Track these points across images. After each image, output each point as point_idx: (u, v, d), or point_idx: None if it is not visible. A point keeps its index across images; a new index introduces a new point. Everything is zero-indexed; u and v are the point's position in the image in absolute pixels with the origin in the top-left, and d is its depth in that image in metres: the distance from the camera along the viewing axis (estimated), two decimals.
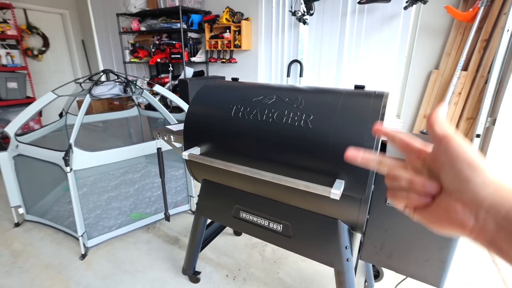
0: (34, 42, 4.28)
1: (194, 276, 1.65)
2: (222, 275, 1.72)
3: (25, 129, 2.23)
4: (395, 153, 0.97)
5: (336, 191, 0.87)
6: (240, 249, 1.96)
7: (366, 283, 1.63)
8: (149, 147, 1.93)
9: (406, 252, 1.01)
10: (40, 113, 3.92)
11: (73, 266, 1.77)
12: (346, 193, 0.94)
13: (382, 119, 0.91)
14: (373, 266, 1.66)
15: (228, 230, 2.14)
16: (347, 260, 1.09)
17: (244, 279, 1.70)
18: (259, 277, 1.72)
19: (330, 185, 0.92)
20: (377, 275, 1.69)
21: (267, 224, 1.23)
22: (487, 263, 1.86)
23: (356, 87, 1.08)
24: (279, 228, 1.21)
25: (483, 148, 2.05)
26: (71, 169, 1.64)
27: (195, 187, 2.54)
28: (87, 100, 1.77)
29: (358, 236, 1.27)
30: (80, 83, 2.14)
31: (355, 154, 0.36)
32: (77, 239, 1.87)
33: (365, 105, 0.95)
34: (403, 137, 0.35)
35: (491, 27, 2.03)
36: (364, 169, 0.89)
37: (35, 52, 4.26)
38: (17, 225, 2.13)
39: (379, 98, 0.96)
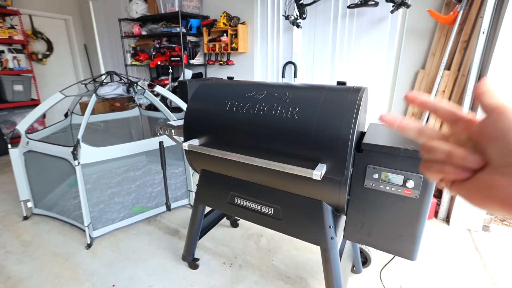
0: (38, 46, 4.44)
1: (193, 262, 1.76)
2: (220, 262, 1.84)
3: (30, 131, 2.36)
4: (384, 136, 1.10)
5: (317, 172, 0.99)
6: (237, 239, 2.07)
7: (354, 268, 1.75)
8: (151, 143, 2.05)
9: (383, 229, 1.13)
10: (44, 115, 4.05)
11: (79, 255, 1.88)
12: (327, 176, 1.07)
13: (358, 110, 1.03)
14: (361, 252, 1.77)
15: (226, 222, 2.26)
16: (331, 238, 1.21)
17: (240, 266, 1.81)
18: (254, 264, 1.83)
19: (314, 169, 1.04)
20: (365, 261, 1.80)
21: (259, 209, 1.35)
22: (470, 249, 1.98)
23: (338, 83, 1.21)
24: (270, 212, 1.33)
25: None
26: (78, 163, 1.75)
27: (194, 183, 2.66)
28: (93, 99, 1.90)
29: (343, 220, 1.39)
30: (85, 84, 2.27)
31: (391, 119, 0.33)
32: (83, 230, 1.98)
33: (343, 98, 1.08)
34: (448, 106, 0.32)
35: (470, 29, 2.17)
36: (343, 154, 1.02)
37: (40, 56, 4.41)
38: (25, 218, 2.25)
39: (356, 92, 1.09)
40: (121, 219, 2.14)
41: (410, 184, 1.00)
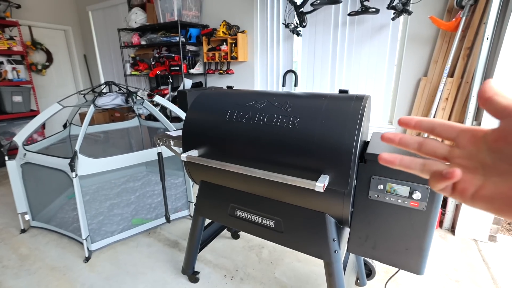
0: (38, 57, 4.46)
1: (193, 276, 1.71)
2: (220, 275, 1.78)
3: (29, 142, 2.35)
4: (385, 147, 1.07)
5: (320, 184, 0.96)
6: (238, 251, 2.02)
7: (358, 281, 1.69)
8: (150, 154, 2.02)
9: (388, 242, 1.09)
10: (43, 126, 4.04)
11: (77, 269, 1.84)
12: (330, 187, 1.03)
13: (361, 118, 1.00)
14: (365, 264, 1.72)
15: (226, 233, 2.21)
16: (335, 251, 1.16)
17: (241, 279, 1.76)
18: (256, 277, 1.77)
19: (316, 180, 1.01)
20: (369, 274, 1.75)
21: (260, 221, 1.31)
22: (477, 260, 1.92)
23: (340, 91, 1.19)
24: (271, 224, 1.29)
25: None
26: (76, 175, 1.72)
27: (194, 194, 2.62)
28: (91, 110, 1.88)
29: (347, 232, 1.35)
30: (84, 95, 2.26)
31: (391, 136, 0.32)
32: (81, 243, 1.94)
33: (346, 106, 1.05)
34: (444, 122, 0.30)
35: (473, 36, 2.15)
36: (346, 164, 0.99)
37: (39, 67, 4.43)
38: (23, 231, 2.21)
39: (360, 100, 1.06)
40: (120, 231, 2.10)
41: (417, 195, 0.96)
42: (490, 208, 0.26)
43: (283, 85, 3.24)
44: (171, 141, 1.50)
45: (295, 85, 3.17)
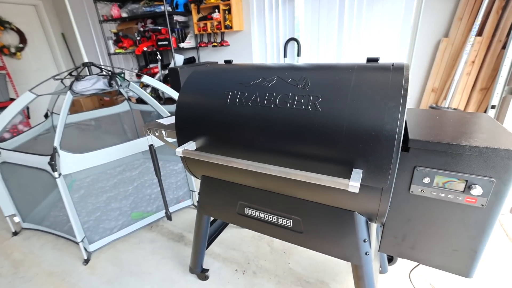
0: (9, 39, 3.97)
1: (202, 274, 1.58)
2: (231, 270, 1.66)
3: (15, 134, 2.12)
4: (419, 132, 0.85)
5: (354, 183, 0.75)
6: (248, 241, 1.89)
7: (380, 268, 1.57)
8: (143, 143, 1.80)
9: (431, 243, 0.91)
10: (28, 115, 3.75)
11: (76, 272, 1.71)
12: (364, 184, 0.83)
13: (405, 95, 0.77)
14: None
15: None
16: (366, 253, 1.00)
17: (254, 273, 1.64)
18: (269, 269, 1.65)
19: (346, 175, 0.80)
20: (391, 259, 1.63)
21: (275, 220, 1.13)
22: (500, 236, 1.80)
23: (369, 60, 0.94)
24: (289, 224, 1.11)
25: (498, 120, 1.93)
26: (59, 174, 1.52)
27: (196, 180, 2.44)
28: (68, 97, 1.62)
29: (374, 225, 1.18)
30: (61, 80, 1.97)
31: None
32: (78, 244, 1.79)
33: (383, 80, 0.82)
34: None
35: None
36: (387, 155, 0.77)
37: (12, 50, 3.96)
38: (15, 234, 2.05)
39: (399, 71, 0.83)
40: (120, 228, 1.95)
41: (477, 191, 0.76)
42: None
43: (285, 55, 2.93)
44: (163, 131, 1.27)
45: (298, 55, 2.86)
